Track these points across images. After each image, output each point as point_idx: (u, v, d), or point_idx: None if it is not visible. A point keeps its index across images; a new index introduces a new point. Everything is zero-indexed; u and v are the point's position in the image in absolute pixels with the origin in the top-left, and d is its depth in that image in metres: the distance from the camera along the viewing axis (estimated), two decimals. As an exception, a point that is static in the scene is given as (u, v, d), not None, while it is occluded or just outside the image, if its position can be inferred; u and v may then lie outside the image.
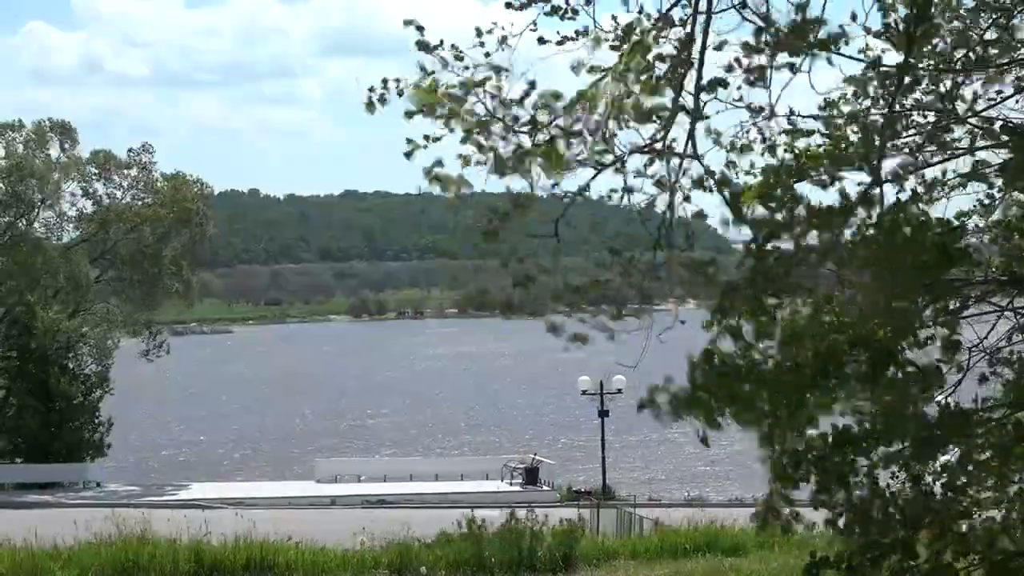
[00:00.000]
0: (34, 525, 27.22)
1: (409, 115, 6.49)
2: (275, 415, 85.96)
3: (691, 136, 6.31)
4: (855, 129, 7.40)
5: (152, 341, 57.19)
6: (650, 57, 6.41)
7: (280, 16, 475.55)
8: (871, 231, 6.36)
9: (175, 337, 63.98)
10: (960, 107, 7.86)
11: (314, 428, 79.16)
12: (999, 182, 7.67)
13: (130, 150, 56.51)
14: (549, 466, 49.09)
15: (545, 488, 46.60)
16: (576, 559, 25.41)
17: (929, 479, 7.66)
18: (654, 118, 6.31)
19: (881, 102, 7.41)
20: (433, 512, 34.68)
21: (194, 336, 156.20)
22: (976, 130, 7.98)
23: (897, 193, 7.13)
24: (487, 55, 6.48)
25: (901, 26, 6.77)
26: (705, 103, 6.39)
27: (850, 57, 6.98)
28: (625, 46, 6.43)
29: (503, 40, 6.48)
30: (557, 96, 6.31)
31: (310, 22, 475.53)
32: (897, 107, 7.42)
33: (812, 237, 6.29)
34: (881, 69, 7.06)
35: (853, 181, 6.69)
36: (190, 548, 25.05)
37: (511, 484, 47.53)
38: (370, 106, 6.74)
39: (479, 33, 6.53)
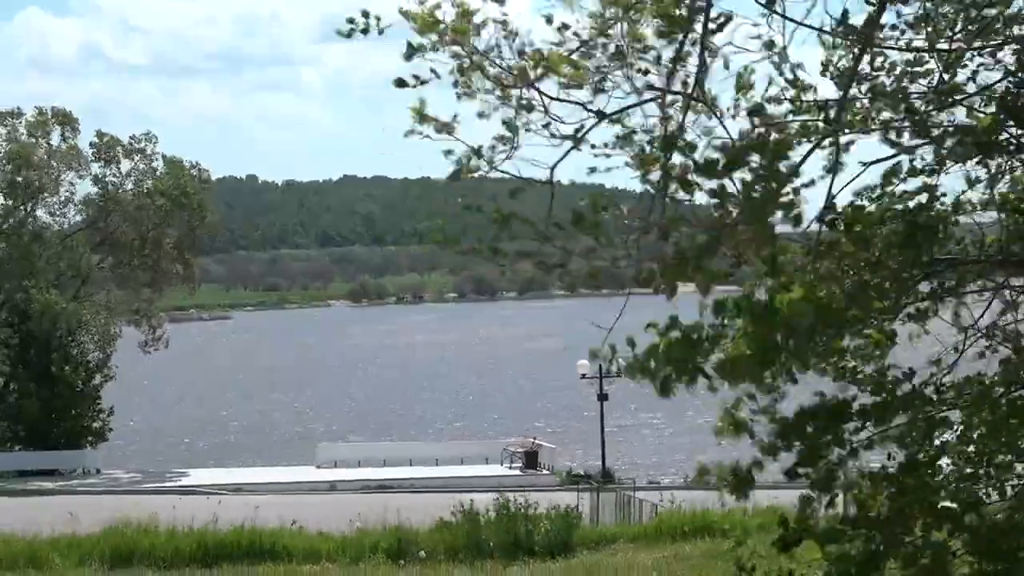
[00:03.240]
0: (34, 512, 27.27)
1: (409, 54, 6.37)
2: (274, 402, 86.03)
3: (699, 80, 6.21)
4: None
5: (151, 334, 57.18)
6: None
7: (278, 2, 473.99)
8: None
9: (173, 324, 63.86)
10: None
11: (313, 414, 79.23)
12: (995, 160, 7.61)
13: (132, 137, 56.48)
14: (549, 450, 49.12)
15: (545, 472, 46.64)
16: (574, 543, 25.45)
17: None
18: (662, 58, 6.21)
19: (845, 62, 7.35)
20: (433, 497, 34.70)
21: (192, 323, 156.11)
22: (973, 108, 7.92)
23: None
24: None
25: None
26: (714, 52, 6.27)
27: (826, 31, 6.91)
28: None
29: None
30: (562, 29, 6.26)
31: (308, 9, 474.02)
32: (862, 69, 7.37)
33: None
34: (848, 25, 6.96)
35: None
36: (190, 535, 25.08)
37: (511, 468, 47.57)
38: (350, 33, 6.59)
39: None
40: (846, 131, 7.06)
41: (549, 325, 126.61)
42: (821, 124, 6.94)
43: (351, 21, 6.49)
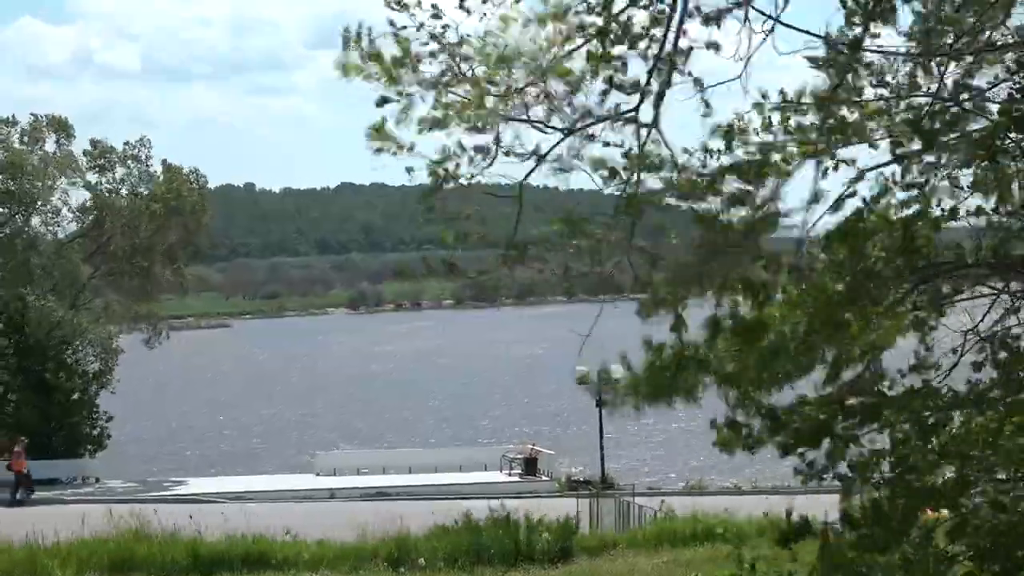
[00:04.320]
0: (33, 521, 27.20)
1: (382, 102, 6.51)
2: (271, 410, 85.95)
3: (656, 107, 6.28)
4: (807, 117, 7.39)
5: (152, 330, 57.45)
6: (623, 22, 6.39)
7: (271, 7, 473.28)
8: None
9: (172, 332, 63.80)
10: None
11: (312, 421, 79.16)
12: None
13: (126, 143, 56.55)
14: (548, 456, 49.09)
15: (544, 478, 46.62)
16: (574, 550, 25.42)
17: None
18: (621, 84, 6.30)
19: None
20: (432, 503, 34.66)
21: (191, 331, 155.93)
22: (968, 114, 7.91)
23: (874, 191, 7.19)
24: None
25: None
26: (670, 78, 6.34)
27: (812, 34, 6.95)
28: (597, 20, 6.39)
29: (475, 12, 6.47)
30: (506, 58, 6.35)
31: (301, 13, 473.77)
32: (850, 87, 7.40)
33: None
34: (839, 47, 7.01)
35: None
36: (188, 543, 25.04)
37: (510, 475, 47.55)
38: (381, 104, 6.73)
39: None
40: (839, 143, 7.11)
41: (544, 330, 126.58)
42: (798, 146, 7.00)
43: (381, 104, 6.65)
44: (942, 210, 7.45)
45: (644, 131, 6.30)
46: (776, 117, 7.30)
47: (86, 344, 54.34)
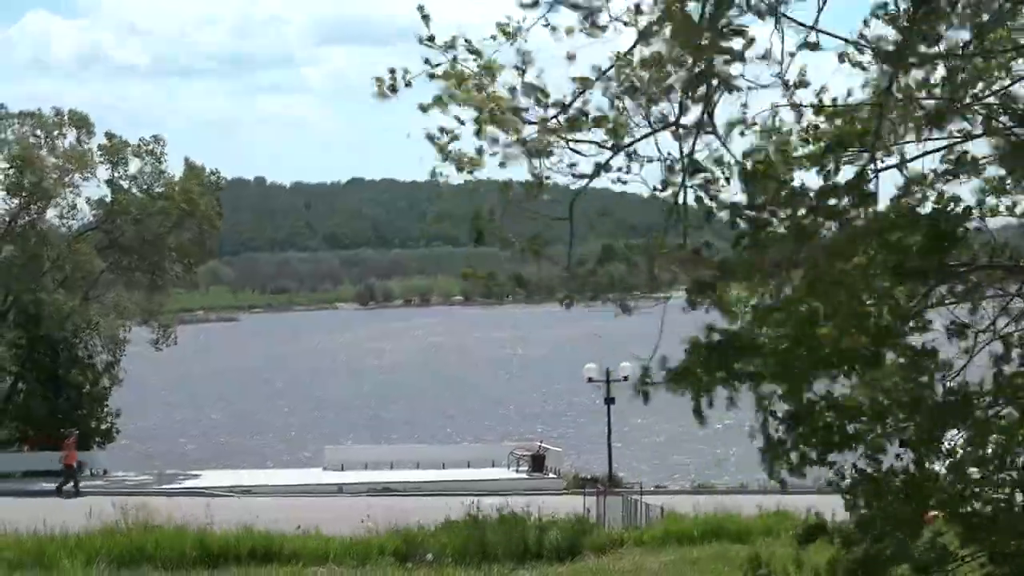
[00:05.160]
0: (42, 513, 27.30)
1: (425, 109, 6.53)
2: (281, 402, 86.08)
3: (710, 112, 6.32)
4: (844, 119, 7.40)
5: (161, 332, 57.40)
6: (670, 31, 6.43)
7: (277, 4, 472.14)
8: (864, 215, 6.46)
9: (180, 325, 63.83)
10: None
11: (320, 416, 79.27)
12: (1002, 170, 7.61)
13: (141, 138, 56.52)
14: (555, 453, 49.08)
15: (551, 476, 46.60)
16: (582, 547, 25.45)
17: (937, 466, 7.66)
18: (675, 94, 6.35)
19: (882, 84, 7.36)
20: (439, 499, 34.70)
21: (199, 324, 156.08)
22: (984, 116, 7.91)
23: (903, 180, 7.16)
24: (507, 35, 6.53)
25: (902, 7, 6.76)
26: (720, 85, 6.37)
27: (851, 41, 6.97)
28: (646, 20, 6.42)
29: (511, 33, 6.50)
30: (585, 81, 6.40)
31: (307, 10, 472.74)
32: (896, 90, 7.38)
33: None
34: (882, 51, 7.01)
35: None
36: (196, 536, 25.11)
37: (517, 472, 47.55)
38: (382, 95, 6.76)
39: (505, 33, 6.59)
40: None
41: (552, 329, 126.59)
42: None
43: (380, 80, 6.67)
44: (958, 210, 7.44)
45: (691, 139, 6.39)
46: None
47: (95, 336, 54.42)
